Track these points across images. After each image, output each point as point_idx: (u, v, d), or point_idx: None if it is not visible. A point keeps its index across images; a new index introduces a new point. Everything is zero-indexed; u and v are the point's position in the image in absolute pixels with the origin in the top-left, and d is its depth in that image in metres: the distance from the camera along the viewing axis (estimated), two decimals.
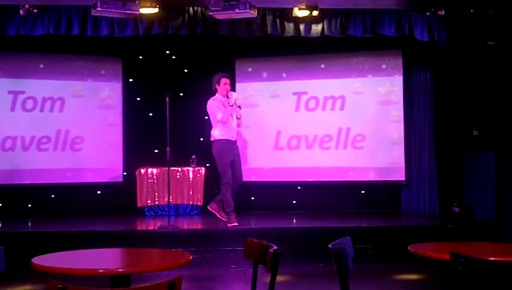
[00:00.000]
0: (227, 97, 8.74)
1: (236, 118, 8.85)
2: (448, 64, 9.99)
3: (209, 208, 9.10)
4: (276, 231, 8.29)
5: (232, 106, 8.65)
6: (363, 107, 10.46)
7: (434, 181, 9.95)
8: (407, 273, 7.70)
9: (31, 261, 3.74)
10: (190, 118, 10.55)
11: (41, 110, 10.43)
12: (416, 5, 8.61)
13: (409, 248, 4.26)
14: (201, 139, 10.88)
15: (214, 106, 8.75)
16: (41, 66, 10.46)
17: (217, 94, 8.87)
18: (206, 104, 10.71)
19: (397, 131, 10.29)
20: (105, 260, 4.15)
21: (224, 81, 8.82)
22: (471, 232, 8.66)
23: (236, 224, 8.53)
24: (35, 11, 8.41)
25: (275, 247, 3.70)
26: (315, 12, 8.63)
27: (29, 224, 9.37)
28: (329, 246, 3.73)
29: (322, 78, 10.71)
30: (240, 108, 8.84)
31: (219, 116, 8.65)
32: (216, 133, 8.76)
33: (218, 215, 8.99)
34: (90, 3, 7.74)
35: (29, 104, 10.36)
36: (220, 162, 8.74)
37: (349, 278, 3.68)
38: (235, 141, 8.90)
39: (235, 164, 8.85)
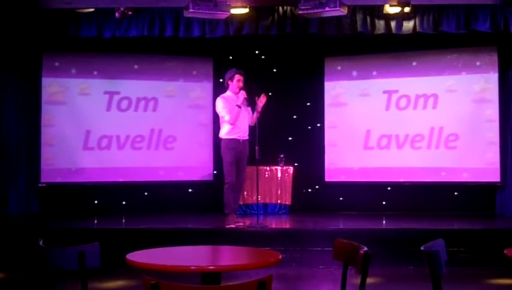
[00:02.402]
0: (238, 94, 8.52)
1: (256, 111, 8.49)
2: None
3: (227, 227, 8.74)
4: (365, 232, 8.22)
5: (239, 107, 8.43)
6: (457, 106, 10.19)
7: None
8: (502, 278, 7.44)
9: (125, 257, 3.84)
10: (279, 117, 10.58)
11: (136, 110, 10.72)
12: None
13: (505, 251, 4.13)
14: (290, 138, 10.90)
15: (222, 106, 8.53)
16: (136, 67, 10.75)
17: (227, 91, 8.68)
18: (295, 103, 10.77)
19: (492, 130, 9.96)
20: (196, 257, 4.22)
21: (238, 77, 8.55)
22: None
23: (241, 224, 8.46)
24: (130, 13, 8.64)
25: (366, 248, 3.65)
26: (407, 9, 8.45)
27: (123, 221, 9.62)
28: (422, 248, 3.65)
29: (414, 76, 10.49)
30: (252, 108, 8.52)
31: (227, 117, 8.47)
32: (223, 132, 8.61)
33: (237, 225, 8.63)
34: (183, 5, 7.88)
35: (124, 104, 10.67)
36: (223, 162, 8.62)
37: (442, 282, 3.60)
38: (244, 140, 8.59)
39: (239, 163, 8.61)
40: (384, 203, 10.58)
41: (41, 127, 10.24)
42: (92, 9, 8.74)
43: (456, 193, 10.36)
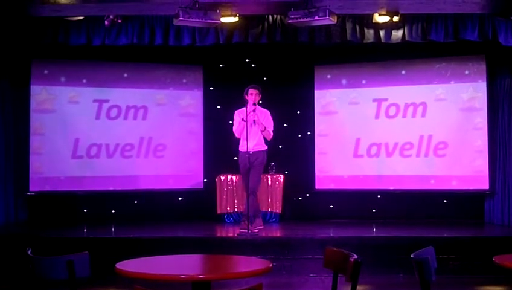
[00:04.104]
0: (253, 108, 8.79)
1: (260, 130, 8.90)
2: None
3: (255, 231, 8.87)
4: (355, 240, 8.22)
5: (244, 120, 8.68)
6: (445, 114, 10.24)
7: None
8: (491, 285, 7.48)
9: (115, 266, 3.83)
10: None
11: (125, 118, 10.70)
12: (501, 9, 8.36)
13: (494, 259, 4.15)
14: (280, 146, 10.91)
15: (235, 117, 9.03)
16: (125, 75, 10.73)
17: (246, 105, 8.86)
18: (285, 112, 10.79)
19: (481, 138, 10.01)
20: (186, 266, 4.21)
21: (251, 91, 8.85)
22: None
23: (261, 227, 9.02)
24: (119, 21, 8.64)
25: (356, 256, 3.67)
26: (396, 18, 8.51)
27: (113, 230, 9.59)
28: (412, 256, 3.67)
29: (403, 85, 10.54)
30: (254, 122, 8.80)
31: (233, 129, 8.98)
32: (239, 145, 9.04)
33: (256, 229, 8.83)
34: (173, 13, 7.88)
35: (114, 112, 10.64)
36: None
37: (431, 289, 3.61)
38: (255, 152, 8.88)
39: (250, 173, 8.93)
40: (374, 211, 10.59)
41: (30, 135, 10.18)
42: (81, 17, 8.71)
43: (445, 201, 10.41)
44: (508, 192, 9.69)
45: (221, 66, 11.12)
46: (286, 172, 10.56)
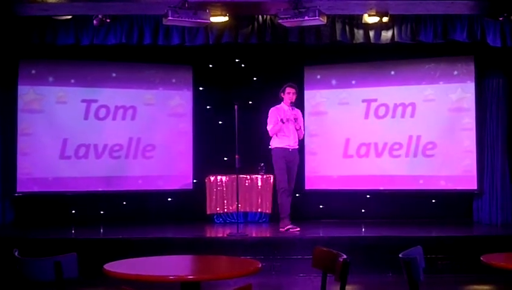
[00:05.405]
0: (291, 106, 8.93)
1: (296, 129, 9.01)
2: None
3: (281, 229, 9.00)
4: (344, 240, 8.23)
5: (283, 122, 8.88)
6: (434, 115, 10.27)
7: (507, 190, 9.69)
8: (479, 284, 7.52)
9: (103, 267, 3.81)
10: (259, 126, 10.55)
11: (114, 118, 10.64)
12: (489, 10, 8.40)
13: (481, 258, 4.18)
14: (270, 147, 10.90)
15: (271, 116, 9.06)
16: (114, 75, 10.68)
17: (282, 103, 9.10)
18: None
19: (469, 139, 10.05)
20: (175, 266, 4.20)
21: (289, 90, 9.04)
22: None
23: (290, 227, 8.80)
24: (108, 21, 8.60)
25: (345, 256, 3.67)
26: (385, 19, 8.53)
27: (101, 231, 9.55)
28: (400, 255, 3.67)
29: (392, 85, 10.57)
30: (295, 120, 8.97)
31: (268, 127, 9.01)
32: (273, 143, 9.10)
33: (293, 230, 8.89)
34: (162, 13, 7.86)
35: (102, 112, 10.59)
36: (275, 169, 9.09)
37: (420, 289, 3.61)
38: (294, 149, 9.04)
39: (290, 171, 9.03)
40: (363, 211, 10.61)
41: (18, 135, 10.10)
42: (69, 17, 8.67)
43: (433, 201, 10.44)
44: (495, 192, 9.74)
45: (210, 66, 11.10)
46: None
